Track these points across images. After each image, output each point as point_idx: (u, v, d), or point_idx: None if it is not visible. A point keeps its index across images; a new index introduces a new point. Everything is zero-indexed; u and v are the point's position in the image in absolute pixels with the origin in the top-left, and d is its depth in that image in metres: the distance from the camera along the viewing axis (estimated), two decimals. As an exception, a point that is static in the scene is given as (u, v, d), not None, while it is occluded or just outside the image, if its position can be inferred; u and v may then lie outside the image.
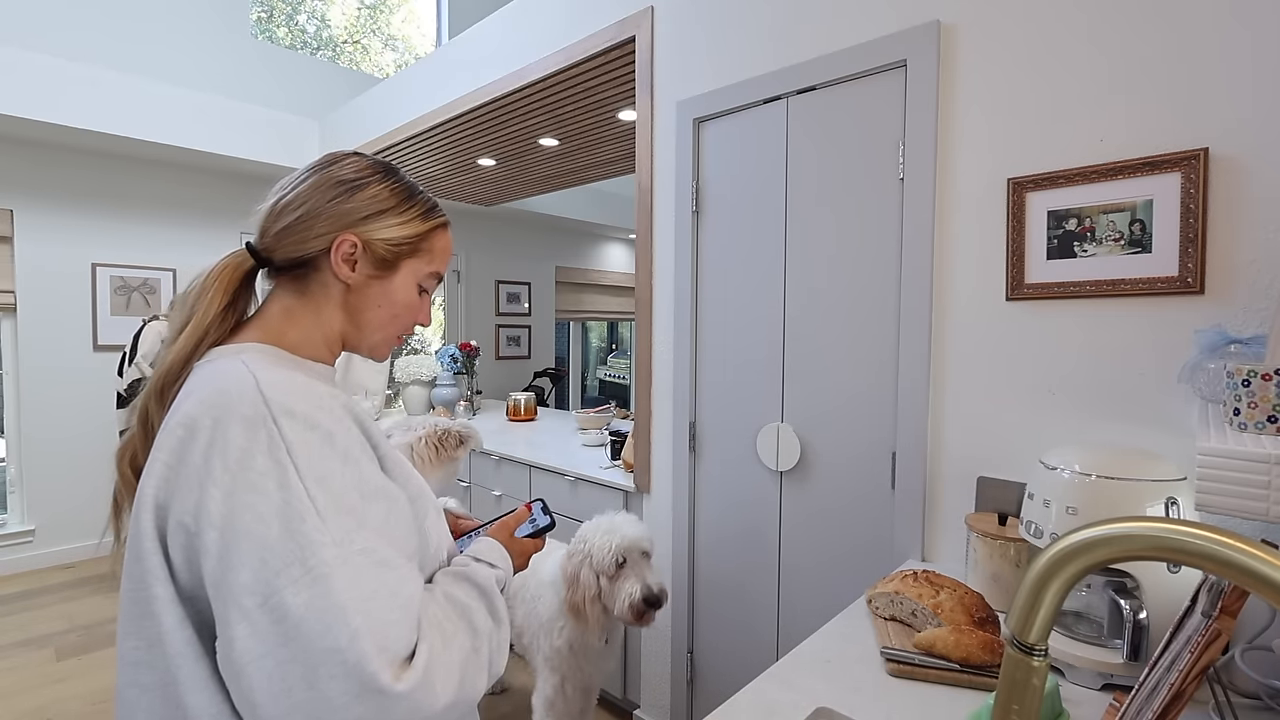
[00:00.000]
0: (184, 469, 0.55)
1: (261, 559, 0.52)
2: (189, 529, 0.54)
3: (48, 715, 2.26)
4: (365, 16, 6.65)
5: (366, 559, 0.55)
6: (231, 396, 0.57)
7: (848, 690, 0.95)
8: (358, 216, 0.68)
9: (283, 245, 0.68)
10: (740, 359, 1.86)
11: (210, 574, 0.53)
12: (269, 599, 0.51)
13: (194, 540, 0.54)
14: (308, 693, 0.51)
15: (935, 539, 1.47)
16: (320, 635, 0.51)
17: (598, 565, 1.53)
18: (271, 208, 0.69)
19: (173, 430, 0.57)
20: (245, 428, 0.55)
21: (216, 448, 0.55)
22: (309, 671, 0.51)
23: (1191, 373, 1.06)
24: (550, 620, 1.63)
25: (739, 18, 1.81)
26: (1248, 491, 0.73)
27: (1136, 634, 0.88)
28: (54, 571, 3.63)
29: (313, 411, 0.59)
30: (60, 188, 3.68)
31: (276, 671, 0.51)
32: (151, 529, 0.55)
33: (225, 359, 0.63)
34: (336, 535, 0.54)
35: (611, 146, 3.43)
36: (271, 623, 0.51)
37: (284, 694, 0.51)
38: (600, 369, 7.66)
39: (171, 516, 0.55)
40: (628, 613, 1.49)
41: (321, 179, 0.69)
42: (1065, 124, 1.26)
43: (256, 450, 0.55)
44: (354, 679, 0.51)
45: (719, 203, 1.90)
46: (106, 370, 3.73)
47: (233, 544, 0.52)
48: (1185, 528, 0.40)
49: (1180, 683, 0.60)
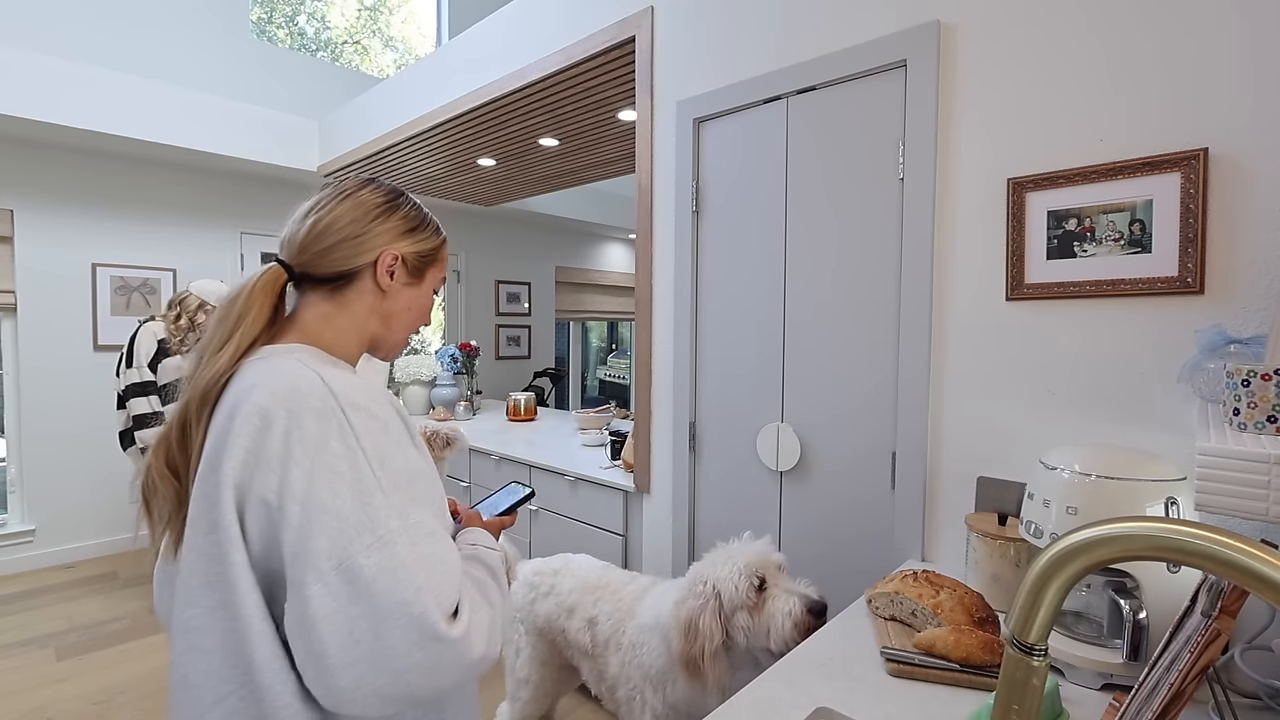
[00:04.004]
0: (264, 453, 0.62)
1: (338, 528, 0.60)
2: (270, 504, 0.61)
3: (48, 715, 2.26)
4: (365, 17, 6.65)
5: (420, 530, 0.64)
6: (302, 391, 0.65)
7: (848, 690, 0.95)
8: (396, 234, 0.80)
9: (326, 262, 0.77)
10: (740, 359, 1.86)
11: (289, 543, 0.60)
12: (343, 562, 0.59)
13: (274, 514, 0.61)
14: (375, 643, 0.59)
15: (935, 539, 1.47)
16: (389, 592, 0.59)
17: (731, 601, 1.25)
18: (310, 231, 0.77)
19: (247, 418, 0.64)
20: (317, 418, 0.64)
21: (294, 435, 0.63)
22: (377, 624, 0.59)
23: (1191, 373, 1.06)
24: (662, 672, 1.36)
25: (739, 17, 1.81)
26: (1248, 491, 0.73)
27: (1136, 634, 0.88)
28: (54, 571, 3.62)
29: (370, 404, 0.67)
30: (60, 188, 3.68)
31: (346, 626, 0.58)
32: (231, 505, 0.62)
33: (279, 357, 0.70)
34: (397, 509, 0.63)
35: (611, 146, 3.43)
36: (345, 583, 0.59)
37: (353, 645, 0.59)
38: (600, 369, 7.66)
39: (252, 493, 0.62)
40: (791, 632, 1.22)
41: (355, 204, 0.79)
42: (1065, 124, 1.26)
43: (329, 436, 0.63)
44: (416, 629, 0.59)
45: (719, 203, 1.90)
46: (106, 370, 3.73)
47: (313, 515, 0.60)
48: (1185, 528, 0.40)
49: (1180, 682, 0.60)
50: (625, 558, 2.22)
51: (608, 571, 1.64)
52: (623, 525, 2.23)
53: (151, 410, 2.84)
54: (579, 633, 1.55)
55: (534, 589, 1.68)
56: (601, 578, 1.61)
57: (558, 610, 1.61)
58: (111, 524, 3.92)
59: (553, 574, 1.68)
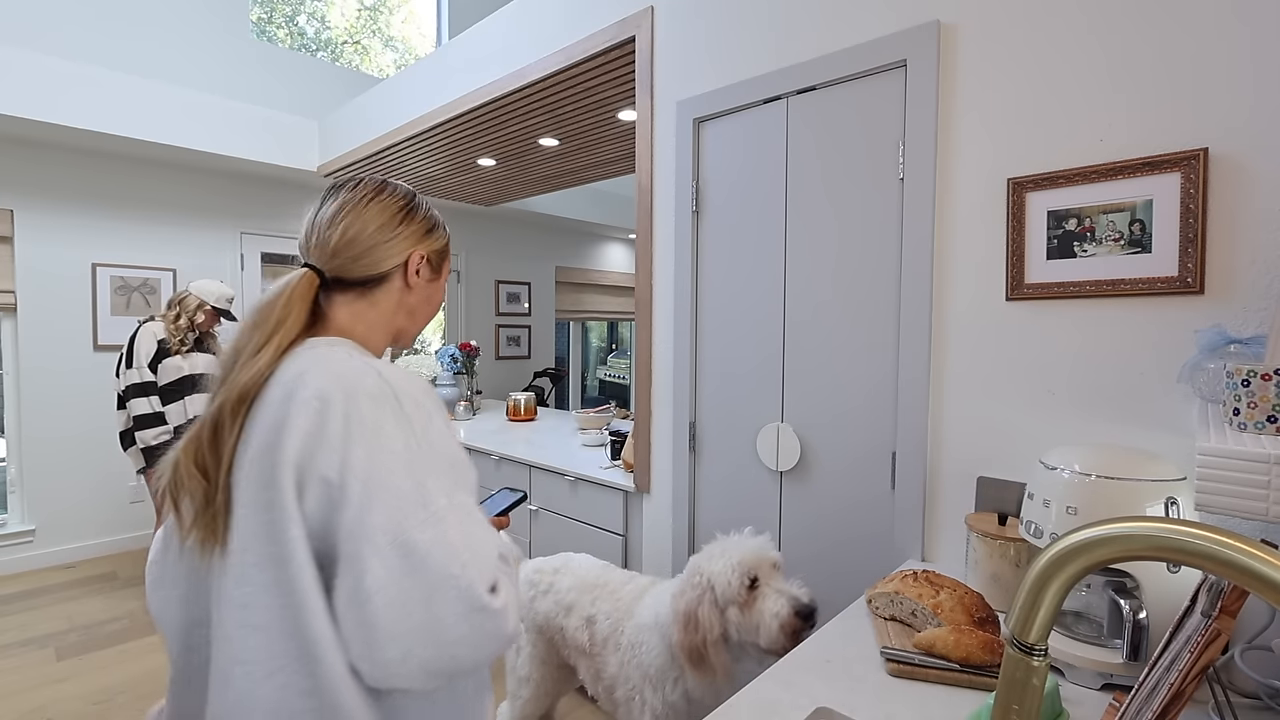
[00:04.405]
0: (324, 434, 0.66)
1: (395, 505, 0.64)
2: (331, 482, 0.64)
3: (48, 715, 2.26)
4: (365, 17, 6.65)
5: (464, 510, 0.68)
6: (357, 378, 0.69)
7: (848, 690, 0.95)
8: (419, 236, 0.85)
9: (359, 266, 0.80)
10: (740, 359, 1.86)
11: (349, 519, 0.63)
12: (399, 537, 0.63)
13: (333, 491, 0.64)
14: (425, 614, 0.62)
15: (935, 539, 1.47)
16: (440, 565, 0.63)
17: (723, 596, 1.27)
18: (341, 238, 0.80)
19: (306, 402, 0.67)
20: (373, 403, 0.68)
21: (354, 418, 0.66)
22: (428, 596, 0.62)
23: (1191, 373, 1.06)
24: (661, 671, 1.36)
25: (739, 17, 1.81)
26: (1248, 491, 0.73)
27: (1136, 634, 0.88)
28: (54, 571, 3.62)
29: (418, 393, 0.72)
30: (60, 188, 3.68)
31: (399, 597, 0.61)
32: (291, 483, 0.65)
33: (325, 348, 0.74)
34: (445, 490, 0.67)
35: (611, 146, 3.43)
36: (400, 557, 0.62)
37: (404, 617, 0.62)
38: (600, 369, 7.65)
39: (313, 472, 0.65)
40: (779, 635, 1.23)
41: (380, 209, 0.82)
42: (1065, 124, 1.26)
43: (385, 420, 0.67)
44: (464, 600, 0.63)
45: (719, 202, 1.90)
46: (106, 370, 3.73)
47: (373, 492, 0.64)
48: (1185, 528, 0.40)
49: (1180, 682, 0.60)
50: (625, 558, 2.22)
51: (607, 571, 1.64)
52: (623, 525, 2.23)
53: (152, 410, 2.85)
54: (577, 631, 1.56)
55: (534, 586, 1.68)
56: (600, 577, 1.61)
57: (556, 608, 1.61)
58: (111, 524, 3.92)
59: (553, 572, 1.68)
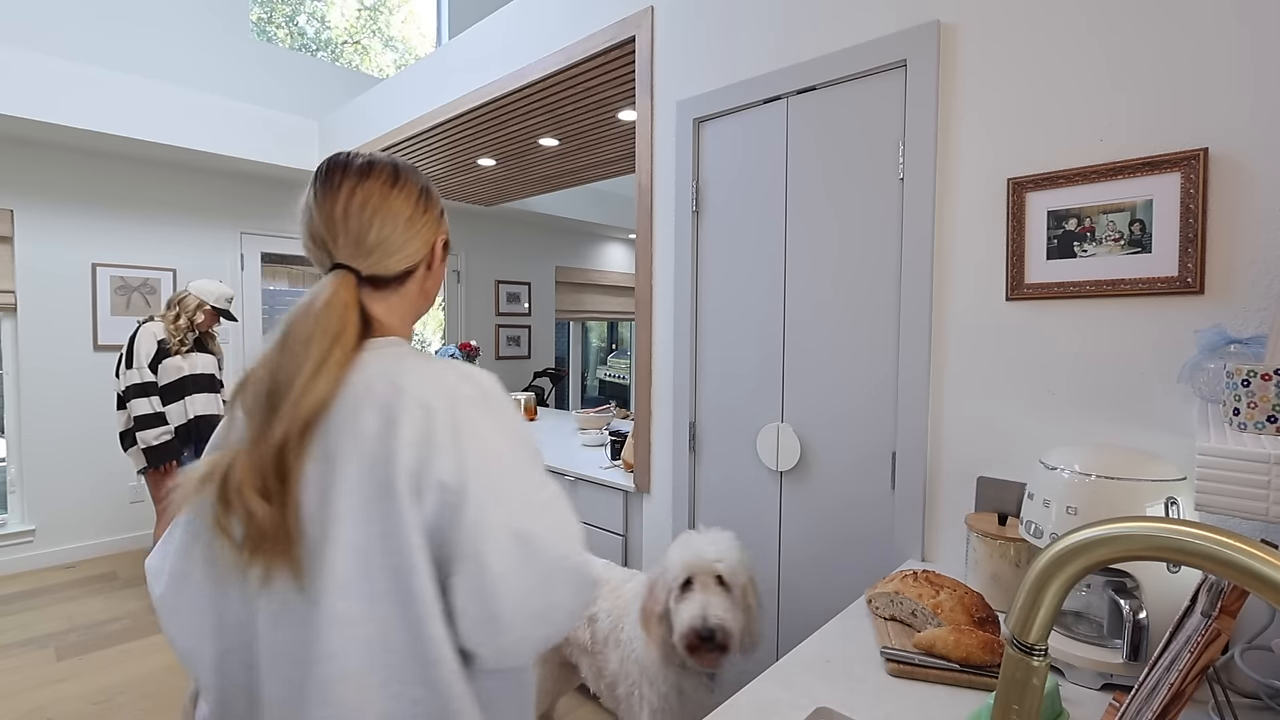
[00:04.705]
0: (434, 440, 0.67)
1: (510, 500, 0.67)
2: (448, 485, 0.66)
3: (48, 715, 2.26)
4: (365, 17, 6.65)
5: (558, 494, 0.73)
6: (449, 383, 0.71)
7: (848, 690, 0.95)
8: (437, 219, 0.83)
9: (394, 262, 0.78)
10: (740, 359, 1.86)
11: (470, 519, 0.65)
12: (517, 530, 0.66)
13: (450, 494, 0.66)
14: (545, 599, 0.67)
15: (935, 539, 1.47)
16: (554, 550, 0.68)
17: (665, 584, 1.34)
18: (377, 236, 0.76)
19: (409, 410, 0.68)
20: (472, 405, 0.70)
21: (460, 423, 0.68)
22: (545, 580, 0.67)
23: (1191, 373, 1.06)
24: (655, 665, 1.40)
25: (739, 17, 1.81)
26: (1248, 491, 0.73)
27: (1136, 634, 0.88)
28: (54, 571, 3.62)
29: (499, 389, 0.75)
30: (60, 188, 3.68)
31: (520, 587, 0.65)
32: (408, 491, 0.66)
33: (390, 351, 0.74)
34: (542, 480, 0.72)
35: (611, 146, 3.43)
36: (519, 548, 0.66)
37: (524, 603, 0.66)
38: (600, 369, 7.65)
39: (430, 478, 0.66)
40: (681, 643, 1.28)
41: (404, 199, 0.79)
42: (1065, 124, 1.26)
43: (486, 421, 0.70)
44: (575, 578, 0.69)
45: (719, 202, 1.90)
46: (106, 370, 3.73)
47: (491, 491, 0.67)
48: (1185, 528, 0.40)
49: (1180, 682, 0.60)
50: (625, 557, 2.22)
51: (608, 569, 1.64)
52: (623, 525, 2.23)
53: (152, 411, 2.85)
54: (578, 629, 1.56)
55: None
56: (601, 575, 1.61)
57: None
58: (111, 524, 3.92)
59: None
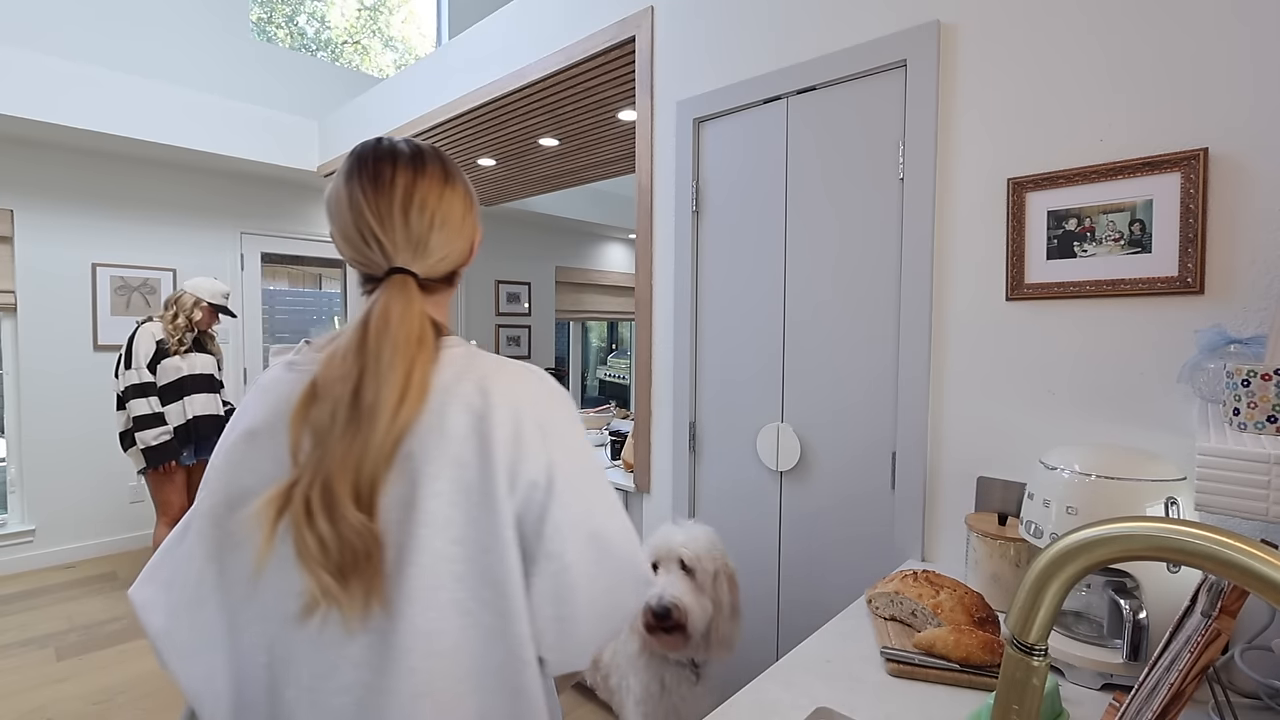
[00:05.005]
0: (524, 441, 0.68)
1: (588, 498, 0.70)
2: (538, 484, 0.67)
3: (48, 715, 2.26)
4: (365, 17, 6.65)
5: (619, 498, 0.75)
6: (531, 382, 0.73)
7: (848, 690, 0.95)
8: (476, 216, 0.81)
9: (448, 263, 0.76)
10: (740, 359, 1.86)
11: (555, 517, 0.67)
12: (593, 529, 0.68)
13: (538, 493, 0.67)
14: (611, 598, 0.69)
15: (935, 539, 1.47)
16: (623, 549, 0.70)
17: None
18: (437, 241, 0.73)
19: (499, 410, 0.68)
20: (552, 405, 0.72)
21: (545, 422, 0.70)
22: (614, 579, 0.69)
23: (1191, 373, 1.06)
24: (635, 654, 1.46)
25: (739, 17, 1.81)
26: (1248, 491, 0.73)
27: (1136, 634, 0.88)
28: (54, 571, 3.62)
29: (565, 391, 0.76)
30: (60, 188, 3.68)
31: (595, 585, 0.67)
32: (505, 490, 0.66)
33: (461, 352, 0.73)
34: (607, 480, 0.75)
35: (611, 146, 3.43)
36: (595, 548, 0.68)
37: (596, 603, 0.67)
38: (600, 369, 7.65)
39: (521, 475, 0.67)
40: (639, 622, 1.36)
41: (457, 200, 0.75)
42: (1065, 124, 1.26)
43: (565, 423, 0.73)
44: (638, 579, 0.72)
45: (719, 202, 1.90)
46: (106, 370, 3.72)
47: (573, 489, 0.68)
48: (1185, 528, 0.40)
49: (1180, 682, 0.60)
50: (625, 558, 2.22)
51: None
52: (623, 525, 2.22)
53: (151, 411, 2.84)
54: None
55: None
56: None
57: None
58: (111, 524, 3.92)
59: None
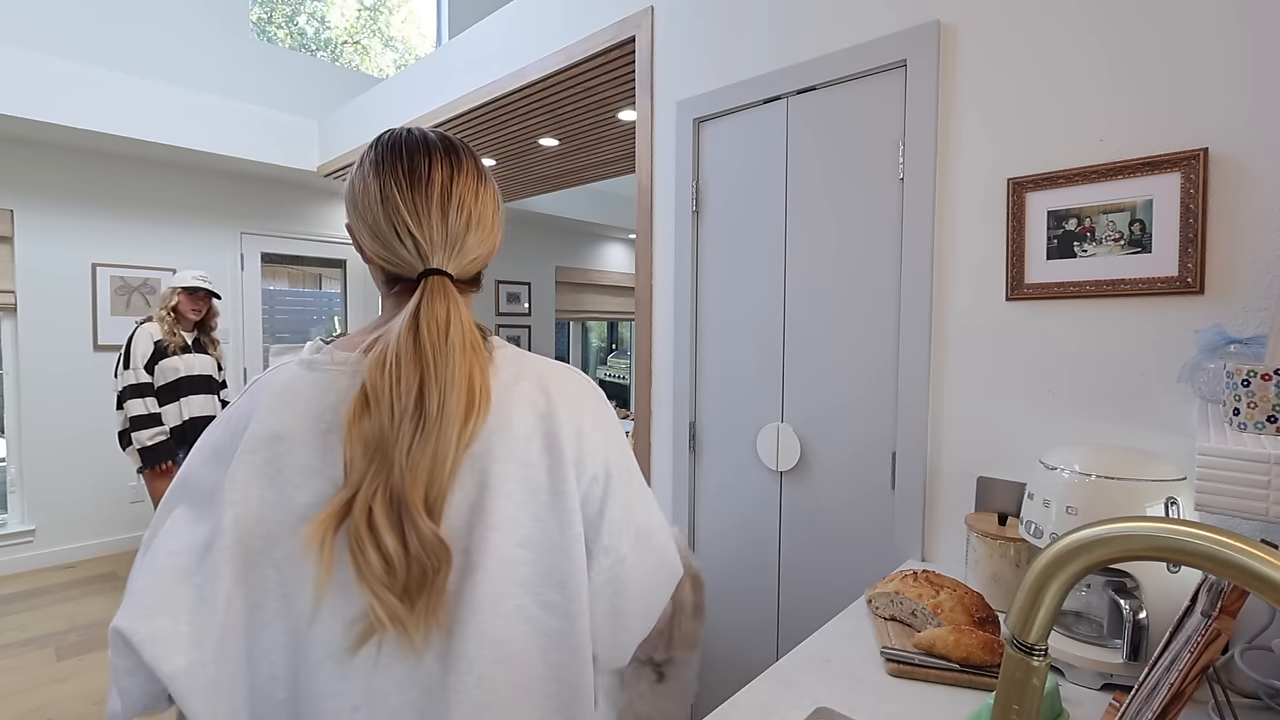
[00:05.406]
0: (584, 438, 0.69)
1: (636, 493, 0.72)
2: (598, 479, 0.69)
3: (48, 715, 2.26)
4: (365, 17, 6.65)
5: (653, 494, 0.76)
6: (580, 380, 0.74)
7: (848, 690, 0.95)
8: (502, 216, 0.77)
9: (479, 263, 0.73)
10: (740, 359, 1.86)
11: (611, 512, 0.68)
12: (639, 524, 0.70)
13: (598, 489, 0.68)
14: (654, 592, 0.70)
15: (935, 539, 1.47)
16: (660, 542, 0.72)
17: None
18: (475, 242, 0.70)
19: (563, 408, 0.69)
20: (601, 404, 0.74)
21: (600, 420, 0.72)
22: (657, 573, 0.71)
23: (1191, 373, 1.06)
24: None
25: (739, 17, 1.81)
26: (1248, 491, 0.73)
27: (1136, 634, 0.88)
28: (54, 571, 3.63)
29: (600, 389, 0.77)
30: (60, 188, 3.68)
31: (642, 581, 0.69)
32: (574, 487, 0.67)
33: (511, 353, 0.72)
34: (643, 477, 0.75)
35: (611, 146, 3.43)
36: (643, 541, 0.70)
37: (643, 597, 0.69)
38: (600, 369, 7.65)
39: (585, 473, 0.68)
40: None
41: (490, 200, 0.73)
42: (1065, 124, 1.26)
43: (613, 421, 0.74)
44: (674, 572, 0.74)
45: (719, 202, 1.90)
46: (106, 370, 3.72)
47: (626, 485, 0.70)
48: (1185, 528, 0.40)
49: (1180, 682, 0.60)
50: (625, 558, 2.22)
51: None
52: (623, 525, 2.23)
53: (147, 411, 2.85)
54: None
55: None
56: None
57: None
58: (111, 524, 3.92)
59: None
